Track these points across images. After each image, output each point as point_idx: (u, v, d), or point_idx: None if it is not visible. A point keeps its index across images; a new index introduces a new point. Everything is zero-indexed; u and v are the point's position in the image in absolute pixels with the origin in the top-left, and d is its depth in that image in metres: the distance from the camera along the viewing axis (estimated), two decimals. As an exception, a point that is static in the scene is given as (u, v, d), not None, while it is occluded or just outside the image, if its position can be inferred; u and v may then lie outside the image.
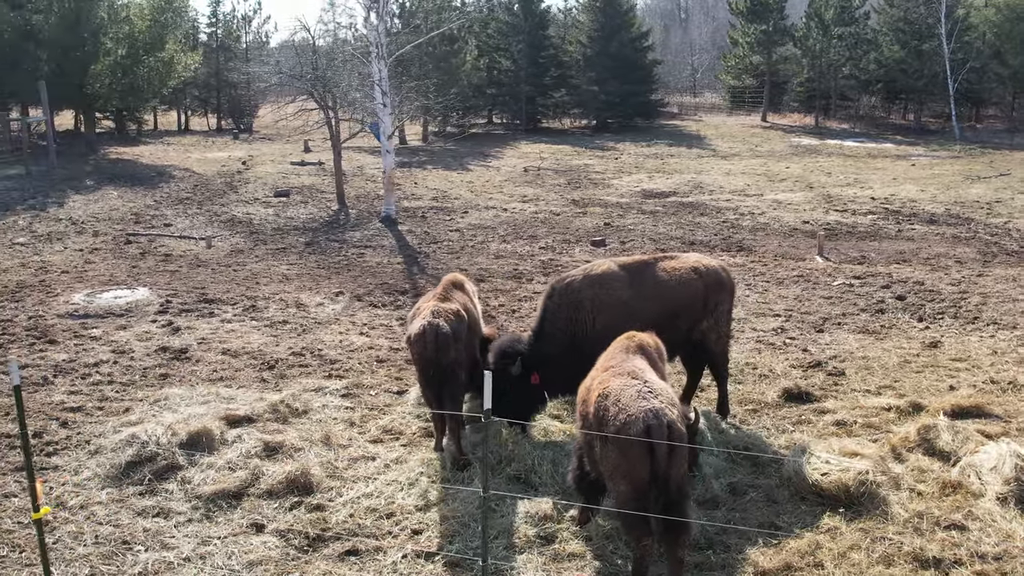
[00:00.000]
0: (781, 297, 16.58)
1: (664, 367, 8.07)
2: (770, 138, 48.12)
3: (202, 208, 26.17)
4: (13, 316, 14.73)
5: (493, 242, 22.56)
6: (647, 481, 6.62)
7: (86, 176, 30.67)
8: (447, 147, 45.91)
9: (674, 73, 73.74)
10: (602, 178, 34.24)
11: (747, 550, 7.79)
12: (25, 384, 11.68)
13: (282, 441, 9.73)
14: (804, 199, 28.90)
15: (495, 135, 52.78)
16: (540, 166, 37.35)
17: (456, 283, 10.43)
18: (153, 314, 14.97)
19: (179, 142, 45.25)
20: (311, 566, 7.82)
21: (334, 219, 25.50)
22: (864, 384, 11.80)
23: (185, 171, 33.32)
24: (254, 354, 12.95)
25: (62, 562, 7.91)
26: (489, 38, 55.00)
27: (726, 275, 10.49)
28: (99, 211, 24.79)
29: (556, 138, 49.96)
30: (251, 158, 37.83)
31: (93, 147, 37.12)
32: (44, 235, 21.64)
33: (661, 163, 38.71)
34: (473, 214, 26.41)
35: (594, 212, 26.77)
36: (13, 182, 28.62)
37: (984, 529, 7.98)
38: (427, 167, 37.16)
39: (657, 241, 22.47)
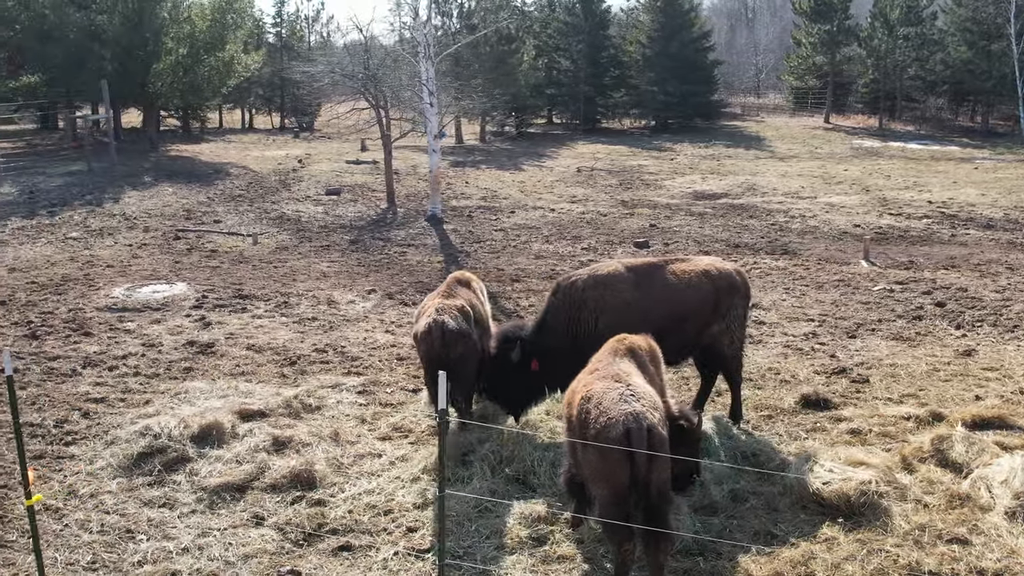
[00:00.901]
0: (818, 302, 16.30)
1: (659, 370, 7.98)
2: (831, 140, 47.31)
3: (253, 205, 26.61)
4: (54, 308, 15.15)
5: (536, 242, 22.56)
6: (627, 485, 6.57)
7: (145, 173, 31.40)
8: (504, 147, 46.07)
9: (738, 73, 72.96)
10: (655, 179, 34.01)
11: (739, 558, 7.68)
12: (54, 375, 12.04)
13: (291, 436, 9.86)
14: (858, 202, 28.36)
15: (553, 135, 52.80)
16: (593, 166, 37.23)
17: (462, 280, 10.49)
18: (188, 308, 15.28)
19: (240, 140, 46.10)
20: (304, 560, 7.91)
21: (381, 217, 25.73)
22: (887, 392, 11.54)
23: (242, 169, 33.91)
24: (278, 350, 13.14)
25: (67, 548, 8.12)
26: (549, 38, 55.06)
27: (740, 279, 10.34)
28: (152, 207, 25.36)
29: (614, 138, 49.78)
30: (308, 156, 38.37)
31: (155, 144, 37.98)
32: (96, 230, 22.21)
33: (716, 164, 38.32)
34: (520, 214, 26.44)
35: (641, 213, 26.61)
36: (75, 178, 29.43)
37: (988, 544, 7.76)
38: (480, 166, 37.29)
39: (701, 243, 22.26)
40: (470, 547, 8.01)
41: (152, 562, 7.90)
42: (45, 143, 38.64)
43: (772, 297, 16.61)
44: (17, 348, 13.03)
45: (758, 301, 16.23)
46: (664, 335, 9.72)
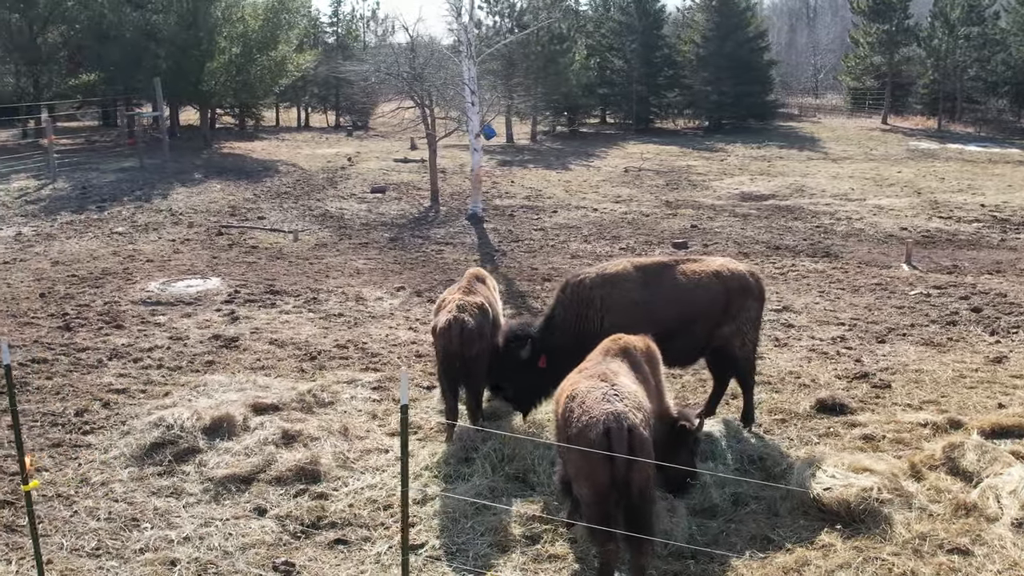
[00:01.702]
0: (851, 305, 16.04)
1: (656, 371, 7.92)
2: (887, 141, 46.44)
3: (298, 202, 26.94)
4: (91, 301, 15.51)
5: (574, 242, 22.52)
6: (608, 485, 6.54)
7: (195, 169, 31.97)
8: (554, 146, 46.03)
9: (796, 74, 72.00)
10: (703, 180, 33.73)
11: (732, 562, 7.61)
12: (81, 366, 12.33)
13: (301, 430, 9.97)
14: (908, 205, 27.83)
15: (605, 135, 52.64)
16: (641, 166, 37.04)
17: (479, 277, 10.56)
18: (219, 303, 15.54)
19: (294, 138, 46.70)
20: (300, 552, 8.02)
21: (423, 216, 25.89)
22: (908, 398, 11.32)
23: (292, 166, 34.37)
24: (299, 345, 13.31)
25: (73, 535, 8.33)
26: (603, 37, 54.94)
27: (753, 280, 10.21)
28: (199, 203, 25.82)
29: (666, 138, 49.46)
30: (357, 155, 38.75)
31: (208, 141, 38.64)
32: (142, 225, 22.68)
33: (767, 165, 37.87)
34: (562, 213, 26.41)
35: (685, 214, 26.42)
36: (127, 174, 30.07)
37: (990, 555, 7.58)
38: (528, 166, 37.32)
39: (741, 244, 22.04)
40: (464, 544, 8.04)
41: (153, 550, 8.06)
42: (103, 140, 39.52)
43: (805, 300, 16.39)
44: (49, 339, 13.38)
45: (789, 304, 16.06)
46: (672, 336, 9.70)
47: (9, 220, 22.70)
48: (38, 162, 29.84)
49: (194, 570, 7.76)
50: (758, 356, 12.98)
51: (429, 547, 8.01)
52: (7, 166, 30.60)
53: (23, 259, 18.69)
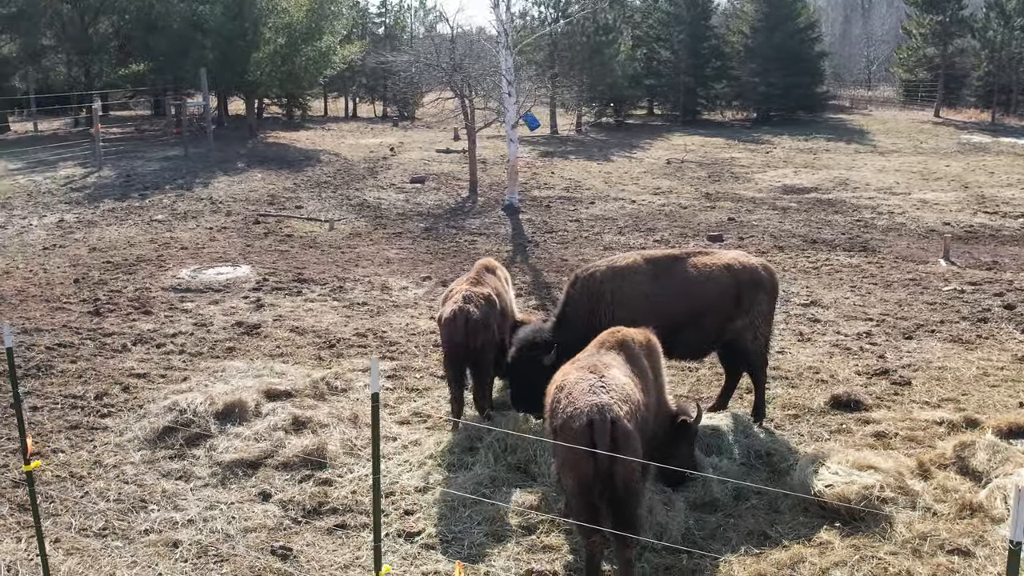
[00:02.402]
0: (882, 301, 15.79)
1: (656, 365, 7.87)
2: (938, 134, 45.53)
3: (337, 192, 27.16)
4: (122, 287, 15.81)
5: (608, 233, 22.43)
6: (591, 476, 6.52)
7: (239, 159, 32.36)
8: (598, 137, 45.83)
9: (849, 65, 70.85)
10: (746, 172, 33.38)
11: (726, 557, 7.56)
12: (105, 350, 12.58)
13: (311, 417, 10.07)
14: (953, 199, 27.27)
15: (652, 126, 52.31)
16: (684, 158, 36.76)
17: (489, 267, 10.57)
18: (247, 290, 15.74)
19: (339, 128, 47.05)
20: (299, 537, 8.12)
21: (460, 206, 25.96)
22: (927, 396, 11.13)
23: (334, 156, 34.64)
24: (320, 333, 13.44)
25: (83, 515, 8.53)
26: (650, 28, 54.56)
27: (766, 274, 10.10)
28: (239, 192, 26.15)
29: (712, 130, 49.01)
30: (400, 145, 38.94)
31: (254, 131, 39.08)
32: (181, 213, 23.03)
33: (813, 158, 37.35)
34: (599, 205, 26.31)
35: (723, 207, 26.17)
36: (171, 163, 30.54)
37: (991, 557, 7.44)
38: (569, 157, 37.22)
39: (777, 238, 21.78)
40: (460, 532, 8.08)
41: (157, 531, 8.23)
42: (152, 129, 40.19)
43: (835, 295, 16.16)
44: (78, 324, 13.67)
45: (818, 298, 15.86)
46: (683, 329, 9.65)
47: (53, 207, 23.18)
48: (86, 150, 30.43)
49: (195, 552, 7.91)
50: (780, 351, 12.98)
51: (426, 535, 8.06)
52: (56, 154, 31.30)
53: (62, 245, 19.10)
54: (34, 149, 32.42)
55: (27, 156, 31.13)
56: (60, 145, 33.22)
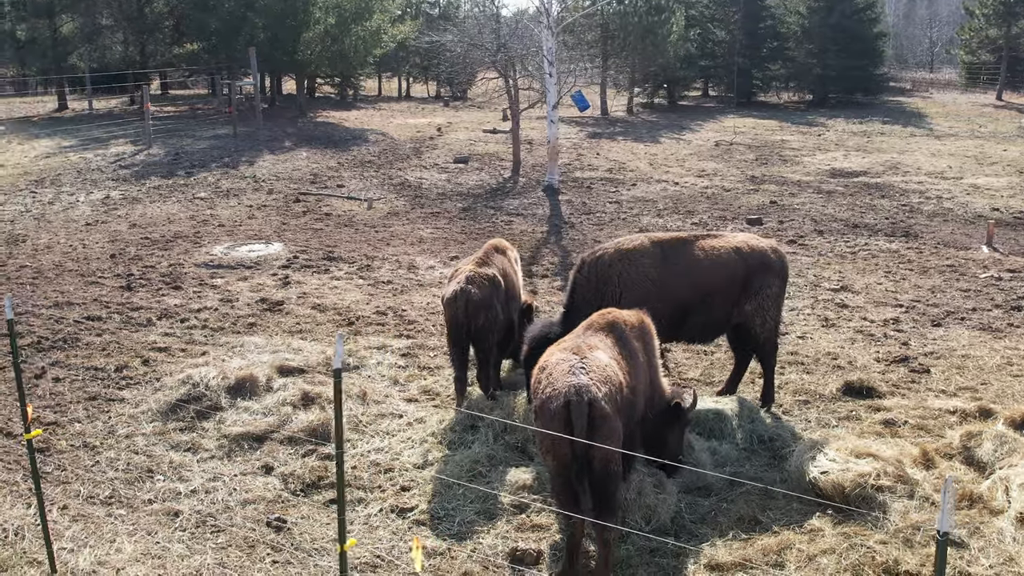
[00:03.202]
0: (915, 287, 15.50)
1: (648, 347, 7.82)
2: (998, 118, 44.34)
3: (379, 171, 27.34)
4: (156, 263, 16.13)
5: (646, 216, 22.29)
6: (568, 456, 6.54)
7: (286, 137, 32.71)
8: (649, 119, 45.45)
9: (912, 47, 69.20)
10: (795, 155, 32.89)
11: (713, 541, 7.53)
12: (131, 324, 12.87)
13: (320, 392, 10.21)
14: (1006, 185, 26.59)
15: (705, 108, 51.72)
16: (732, 140, 36.32)
17: (499, 248, 10.58)
18: (276, 268, 15.97)
19: (390, 108, 47.28)
20: (295, 509, 8.27)
21: (501, 186, 25.98)
22: (944, 384, 10.93)
23: (381, 135, 34.84)
24: (341, 310, 13.60)
25: (92, 483, 8.77)
26: (705, 8, 53.82)
27: (775, 257, 9.97)
28: (283, 171, 26.45)
29: (767, 112, 48.32)
30: (448, 125, 39.02)
31: (304, 110, 39.44)
32: (224, 191, 23.38)
33: (865, 141, 36.65)
34: (641, 187, 26.15)
35: (767, 190, 25.84)
36: (220, 141, 30.98)
37: (985, 549, 7.31)
38: (617, 138, 36.98)
39: (818, 222, 21.46)
40: (453, 510, 8.16)
41: (160, 501, 8.44)
42: (207, 108, 40.80)
43: (867, 280, 15.90)
44: (108, 298, 14.00)
45: (850, 284, 15.62)
46: (691, 312, 9.60)
47: (101, 184, 23.68)
48: (138, 128, 31.02)
49: (194, 522, 8.09)
50: (802, 336, 12.84)
51: (418, 511, 8.15)
52: (108, 132, 31.96)
53: (104, 221, 19.52)
54: (88, 127, 33.14)
55: (81, 134, 31.84)
56: (114, 123, 33.90)
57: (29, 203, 21.17)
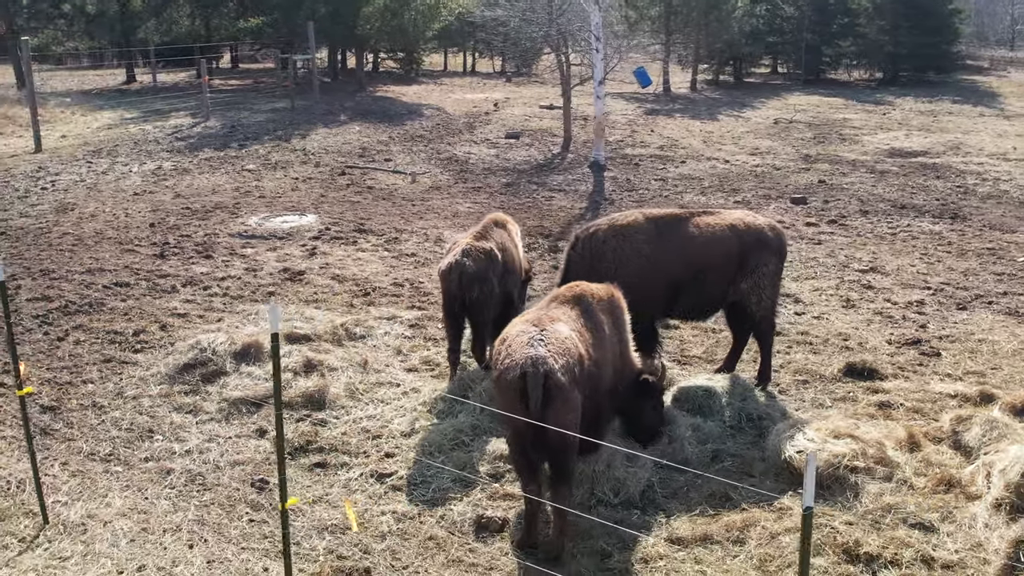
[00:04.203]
0: (949, 269, 15.17)
1: (618, 321, 7.87)
2: (1078, 98, 42.83)
3: (429, 146, 27.54)
4: (193, 233, 16.57)
5: (689, 193, 22.13)
6: (524, 427, 6.64)
7: (342, 111, 33.09)
8: (712, 96, 44.84)
9: (994, 24, 66.96)
10: (855, 134, 32.21)
11: (679, 515, 7.58)
12: (156, 290, 13.30)
13: (322, 360, 10.44)
14: (1072, 167, 25.75)
15: (772, 85, 50.79)
16: (792, 118, 35.69)
17: (499, 222, 10.67)
18: (307, 239, 16.27)
19: (452, 83, 47.44)
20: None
21: (548, 162, 25.98)
22: (953, 368, 10.73)
23: (437, 110, 35.03)
24: (358, 281, 13.84)
25: (95, 441, 9.17)
26: (773, -18, 52.79)
27: (773, 235, 9.89)
28: (332, 144, 26.82)
29: (834, 90, 47.27)
30: (506, 100, 39.04)
31: (363, 85, 39.83)
32: (272, 163, 23.81)
33: (931, 121, 35.69)
34: (690, 164, 25.93)
35: (819, 169, 25.39)
36: (276, 114, 31.49)
37: (954, 534, 7.23)
38: (675, 115, 36.61)
39: (864, 202, 21.05)
40: (430, 476, 8.33)
41: (156, 460, 8.79)
42: (270, 81, 41.45)
43: (900, 262, 15.60)
44: (139, 265, 14.45)
45: (881, 265, 15.36)
46: (683, 288, 9.60)
47: (155, 155, 24.30)
48: (199, 101, 31.66)
49: (184, 480, 8.41)
50: (818, 316, 12.71)
51: (396, 477, 8.35)
52: (170, 104, 32.73)
53: (152, 191, 20.06)
54: (152, 99, 33.98)
55: (144, 106, 32.68)
56: (176, 96, 34.68)
57: (84, 173, 21.83)
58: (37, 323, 11.99)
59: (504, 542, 7.35)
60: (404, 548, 7.30)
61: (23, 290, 13.17)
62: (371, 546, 7.33)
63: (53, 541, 7.56)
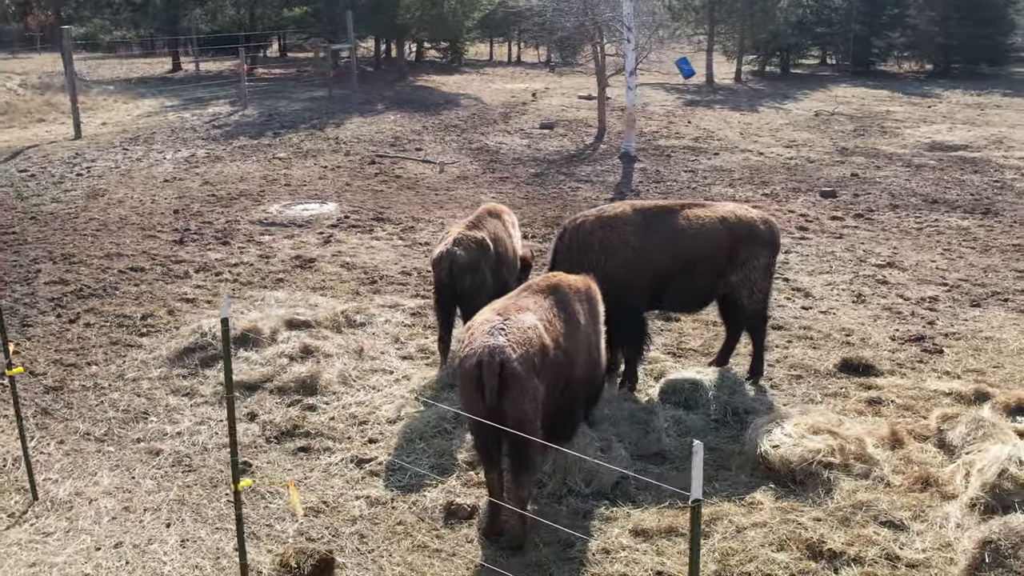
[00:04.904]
0: (969, 266, 14.90)
1: (592, 312, 7.89)
2: None
3: (461, 136, 27.63)
4: (215, 220, 16.85)
5: (718, 186, 21.96)
6: (482, 415, 6.70)
7: (380, 101, 33.34)
8: (756, 87, 44.33)
9: (1053, 13, 65.02)
10: (897, 126, 31.68)
11: (647, 507, 7.59)
12: (169, 276, 13.58)
13: (319, 347, 10.60)
14: (1118, 162, 25.09)
15: (819, 76, 50.04)
16: (834, 110, 35.19)
17: (493, 212, 10.70)
18: (325, 227, 16.46)
19: (494, 73, 47.51)
20: (264, 455, 8.69)
21: (580, 153, 25.94)
22: (953, 366, 10.57)
23: (475, 100, 35.13)
24: (367, 269, 13.97)
25: (92, 421, 9.41)
26: (822, -27, 52.01)
27: (764, 228, 9.80)
28: (366, 133, 27.04)
29: (882, 82, 46.47)
30: (546, 90, 39.02)
31: (403, 74, 40.06)
32: (304, 152, 24.09)
33: (977, 114, 34.94)
34: (723, 156, 25.72)
35: (853, 162, 25.03)
36: (313, 103, 31.83)
37: (924, 533, 7.15)
38: (714, 106, 36.29)
39: (895, 196, 20.73)
40: (409, 463, 8.43)
41: (147, 440, 9.00)
42: (314, 70, 41.84)
43: (920, 257, 15.37)
44: (157, 251, 14.76)
45: (899, 260, 15.14)
46: (671, 280, 9.57)
47: (191, 142, 24.71)
48: (239, 90, 32.13)
49: (171, 461, 8.62)
50: (825, 311, 12.60)
51: (375, 462, 8.46)
52: (211, 92, 33.23)
53: (181, 179, 20.42)
54: (194, 88, 34.51)
55: (185, 94, 33.23)
56: (218, 84, 35.16)
57: (119, 159, 22.29)
58: (51, 306, 12.31)
59: (471, 529, 7.42)
60: (373, 532, 7.42)
61: (43, 274, 13.54)
62: (341, 529, 7.46)
63: (40, 517, 7.79)
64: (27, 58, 46.19)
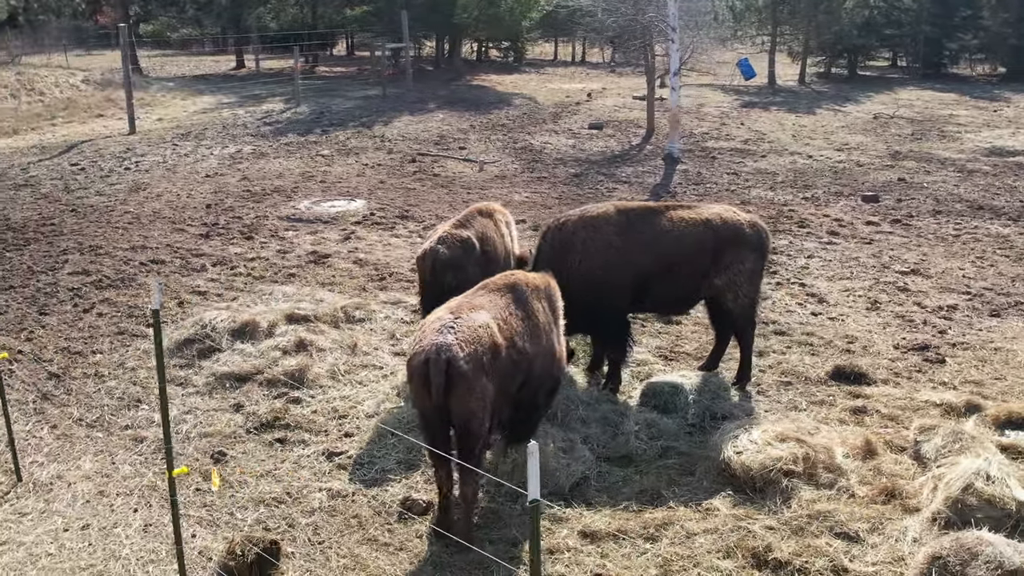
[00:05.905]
0: (999, 275, 14.49)
1: (552, 310, 7.89)
2: None
3: (507, 135, 27.69)
4: (244, 215, 17.20)
5: (758, 188, 21.70)
6: (429, 412, 6.77)
7: (432, 100, 33.59)
8: (819, 89, 43.56)
9: None
10: (957, 131, 30.86)
11: (603, 509, 7.58)
12: (186, 269, 13.93)
13: (313, 341, 10.76)
14: None
15: (887, 79, 48.95)
16: (894, 113, 34.44)
17: (484, 211, 10.71)
18: (349, 223, 16.69)
19: (554, 72, 47.49)
20: (242, 444, 8.89)
21: (624, 153, 25.83)
22: (951, 376, 10.31)
23: (528, 100, 35.18)
24: (378, 266, 14.13)
25: (87, 407, 9.73)
26: (891, -26, 50.87)
27: (751, 231, 9.67)
28: (411, 132, 27.29)
29: (950, 85, 45.29)
30: (602, 90, 38.91)
31: (460, 73, 40.31)
32: (347, 149, 24.42)
33: (1046, 119, 33.95)
34: (770, 159, 25.38)
35: (903, 166, 24.49)
36: (366, 102, 32.23)
37: (879, 546, 7.00)
38: (770, 108, 35.77)
39: (940, 202, 20.24)
40: (378, 458, 8.55)
41: (134, 428, 9.29)
42: (374, 69, 42.36)
43: (948, 264, 15.00)
44: (181, 244, 15.16)
45: (925, 268, 14.79)
46: (653, 281, 9.53)
47: (240, 139, 25.24)
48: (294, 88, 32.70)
49: (152, 448, 8.85)
50: (834, 317, 12.39)
51: (345, 456, 8.59)
52: (268, 90, 33.87)
53: (222, 174, 20.87)
54: (252, 85, 35.20)
55: (244, 91, 33.91)
56: (276, 81, 35.81)
57: (168, 154, 22.88)
58: (69, 296, 12.73)
59: (424, 525, 7.50)
60: (327, 524, 7.54)
61: (68, 264, 14.00)
62: (298, 520, 7.60)
63: (20, 498, 8.10)
64: (100, 55, 47.58)
